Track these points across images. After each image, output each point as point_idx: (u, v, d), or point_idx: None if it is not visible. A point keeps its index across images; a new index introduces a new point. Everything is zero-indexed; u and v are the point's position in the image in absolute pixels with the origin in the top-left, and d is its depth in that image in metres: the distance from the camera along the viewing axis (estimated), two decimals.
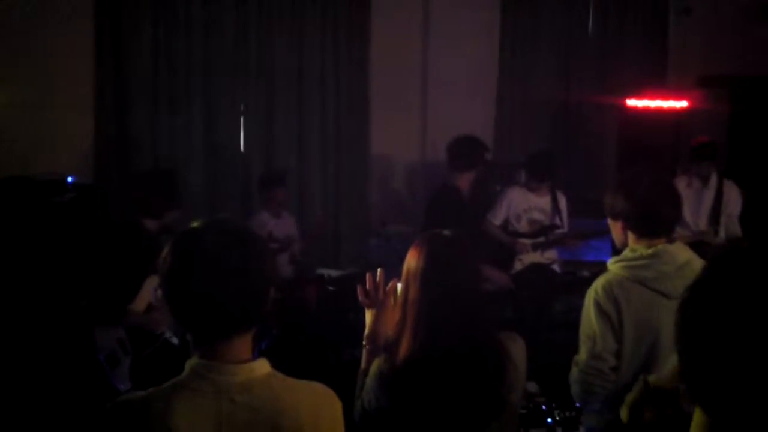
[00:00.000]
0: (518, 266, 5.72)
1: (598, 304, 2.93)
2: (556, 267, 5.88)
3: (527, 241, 5.71)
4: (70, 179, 5.53)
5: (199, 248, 1.75)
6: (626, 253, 2.98)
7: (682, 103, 8.25)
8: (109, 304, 4.17)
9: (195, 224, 1.84)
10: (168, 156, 6.57)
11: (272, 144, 7.05)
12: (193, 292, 1.73)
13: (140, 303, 4.31)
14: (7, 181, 5.35)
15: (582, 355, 3.05)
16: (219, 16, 6.66)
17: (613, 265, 2.98)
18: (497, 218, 5.77)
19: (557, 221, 5.80)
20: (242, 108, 6.96)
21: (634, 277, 2.88)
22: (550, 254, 5.81)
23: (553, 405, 3.84)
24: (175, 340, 5.59)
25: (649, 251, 2.89)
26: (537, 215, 5.78)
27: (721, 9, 8.78)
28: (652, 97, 8.26)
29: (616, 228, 3.04)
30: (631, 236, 2.98)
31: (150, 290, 4.35)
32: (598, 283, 2.96)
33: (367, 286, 2.70)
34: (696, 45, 9.04)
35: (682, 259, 2.86)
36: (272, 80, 6.99)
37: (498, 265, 5.69)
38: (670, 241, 2.93)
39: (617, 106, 8.36)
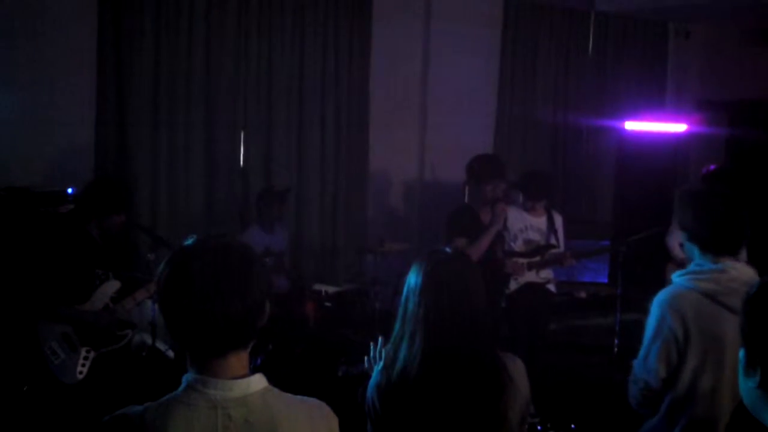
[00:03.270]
0: (513, 285, 5.73)
1: (662, 318, 2.89)
2: (551, 287, 5.88)
3: (522, 261, 5.72)
4: (70, 190, 5.54)
5: (193, 265, 1.74)
6: (692, 267, 2.94)
7: (681, 126, 8.30)
8: (54, 300, 4.26)
9: (190, 241, 1.83)
10: (167, 168, 6.58)
11: (271, 159, 7.07)
12: (188, 309, 1.73)
13: (94, 303, 4.39)
14: (6, 192, 5.36)
15: (636, 371, 3.03)
16: (220, 31, 6.69)
17: (679, 278, 2.95)
18: (502, 243, 5.78)
19: (553, 241, 5.81)
20: (242, 122, 6.98)
21: (702, 290, 2.85)
22: (546, 274, 5.82)
23: (548, 425, 3.83)
24: (170, 354, 5.61)
25: (717, 266, 2.86)
26: (533, 235, 5.79)
27: (720, 33, 8.84)
28: (651, 120, 8.31)
29: (683, 237, 3.03)
30: (695, 249, 2.96)
31: (107, 293, 4.43)
32: (664, 296, 2.93)
33: (371, 354, 2.74)
34: (695, 69, 9.11)
35: (747, 276, 2.84)
36: (272, 96, 7.02)
37: (494, 284, 5.70)
38: (736, 258, 2.90)
39: (616, 128, 8.40)
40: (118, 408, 1.79)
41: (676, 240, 6.21)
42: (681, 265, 6.19)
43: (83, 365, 4.32)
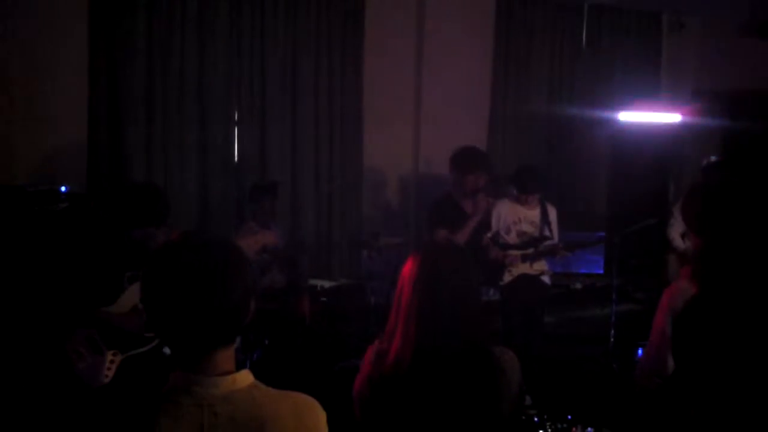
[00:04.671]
0: (507, 278, 5.75)
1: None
2: (546, 278, 5.89)
3: (516, 253, 5.74)
4: (63, 189, 5.53)
5: (177, 263, 1.74)
6: None
7: (675, 118, 8.30)
8: (80, 303, 4.22)
9: (174, 238, 1.82)
10: (161, 166, 6.57)
11: (265, 155, 7.06)
12: (171, 307, 1.72)
13: (121, 306, 4.34)
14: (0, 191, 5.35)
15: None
16: (213, 27, 6.67)
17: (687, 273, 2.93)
18: (488, 231, 5.80)
19: (546, 233, 5.83)
20: (236, 118, 6.97)
21: None
22: (540, 265, 5.83)
23: (545, 417, 3.83)
24: (166, 350, 5.60)
25: None
26: (526, 227, 5.81)
27: (715, 24, 8.83)
28: (645, 111, 8.31)
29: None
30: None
31: (136, 293, 4.38)
32: (672, 291, 2.87)
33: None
34: (689, 59, 9.10)
35: None
36: (266, 91, 7.01)
37: (488, 277, 5.72)
38: None
39: (610, 119, 8.40)
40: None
41: (677, 231, 6.23)
42: (682, 255, 6.22)
43: (109, 369, 4.26)
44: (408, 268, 2.54)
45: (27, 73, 6.02)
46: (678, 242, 6.23)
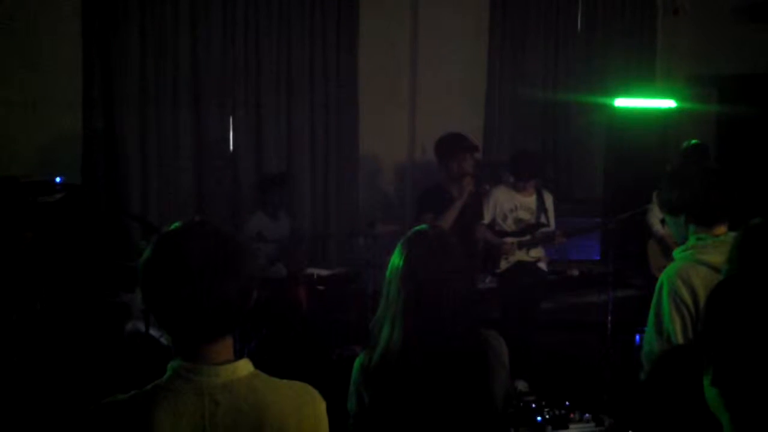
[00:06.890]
0: (504, 265, 5.75)
1: (674, 294, 2.83)
2: (542, 265, 5.90)
3: (513, 240, 5.74)
4: (58, 179, 5.51)
5: (178, 251, 1.72)
6: (692, 241, 2.92)
7: (670, 103, 8.29)
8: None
9: (174, 226, 1.80)
10: (156, 156, 6.55)
11: (261, 144, 7.05)
12: (173, 296, 1.71)
13: None
14: None
15: (655, 349, 2.91)
16: (207, 17, 6.65)
17: (680, 253, 2.94)
18: (484, 218, 5.80)
19: (543, 220, 5.83)
20: (231, 108, 6.94)
21: (704, 262, 2.81)
22: (536, 252, 5.84)
23: (543, 403, 3.85)
24: (164, 341, 5.60)
25: (718, 238, 2.86)
26: (523, 214, 5.81)
27: (709, 9, 8.82)
28: (641, 97, 8.30)
29: (678, 223, 3.01)
30: (691, 227, 2.94)
31: None
32: (671, 272, 2.88)
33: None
34: (684, 45, 9.09)
35: None
36: (261, 80, 6.98)
37: (484, 264, 5.73)
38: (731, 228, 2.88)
39: (605, 105, 8.39)
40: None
41: (656, 217, 6.25)
42: (661, 240, 6.24)
43: None
44: (396, 258, 2.53)
45: (21, 64, 5.99)
46: (657, 227, 6.26)
